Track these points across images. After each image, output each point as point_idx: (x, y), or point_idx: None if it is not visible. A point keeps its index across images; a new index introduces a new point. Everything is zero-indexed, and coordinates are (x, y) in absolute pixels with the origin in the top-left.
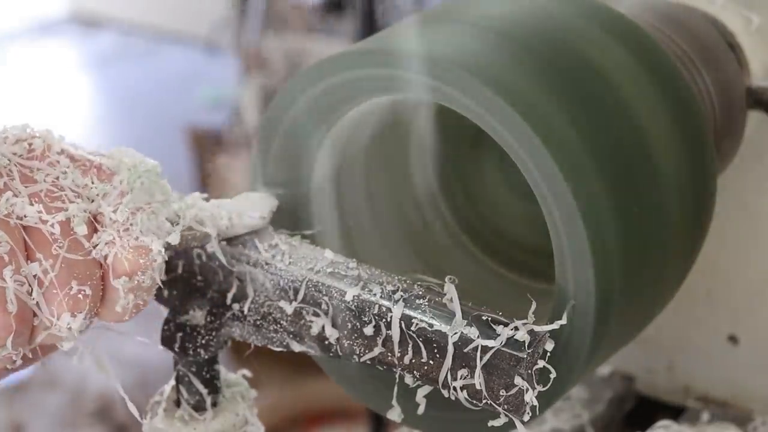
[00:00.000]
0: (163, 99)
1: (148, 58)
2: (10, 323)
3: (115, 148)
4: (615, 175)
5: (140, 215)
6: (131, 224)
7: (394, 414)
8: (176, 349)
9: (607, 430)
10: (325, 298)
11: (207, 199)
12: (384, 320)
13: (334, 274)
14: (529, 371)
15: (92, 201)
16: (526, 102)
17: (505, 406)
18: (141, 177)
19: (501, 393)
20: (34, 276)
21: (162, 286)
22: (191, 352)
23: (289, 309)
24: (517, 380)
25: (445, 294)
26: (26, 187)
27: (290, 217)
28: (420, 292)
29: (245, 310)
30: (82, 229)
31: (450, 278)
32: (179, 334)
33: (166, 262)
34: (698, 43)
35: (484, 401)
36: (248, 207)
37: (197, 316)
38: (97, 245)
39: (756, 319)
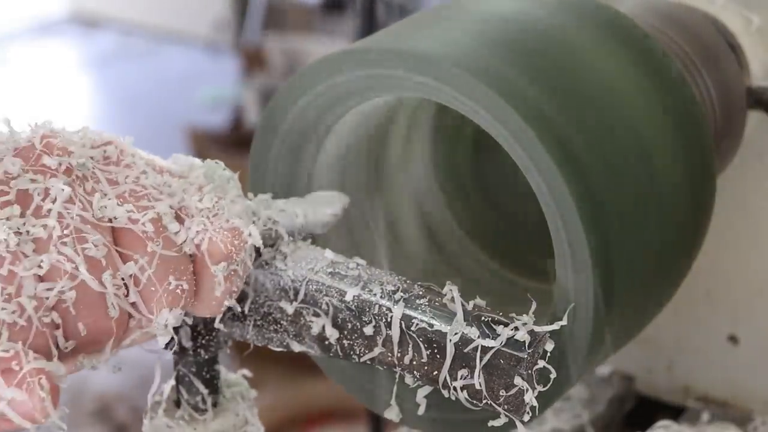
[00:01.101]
0: (163, 99)
1: (148, 58)
2: (111, 327)
3: (175, 155)
4: (615, 175)
5: (224, 201)
6: (219, 209)
7: (392, 413)
8: (176, 349)
9: (607, 430)
10: (325, 298)
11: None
12: (384, 320)
13: (334, 274)
14: (529, 371)
15: (174, 197)
16: (525, 102)
17: (505, 406)
18: (220, 171)
19: (501, 393)
20: (130, 276)
21: None
22: (191, 352)
23: (289, 309)
24: (517, 380)
25: (445, 294)
26: (113, 188)
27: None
28: (420, 292)
29: (245, 310)
30: (174, 226)
31: (449, 283)
32: (179, 335)
33: None
34: (698, 44)
35: (484, 401)
36: (320, 204)
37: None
38: (187, 239)
39: (756, 319)
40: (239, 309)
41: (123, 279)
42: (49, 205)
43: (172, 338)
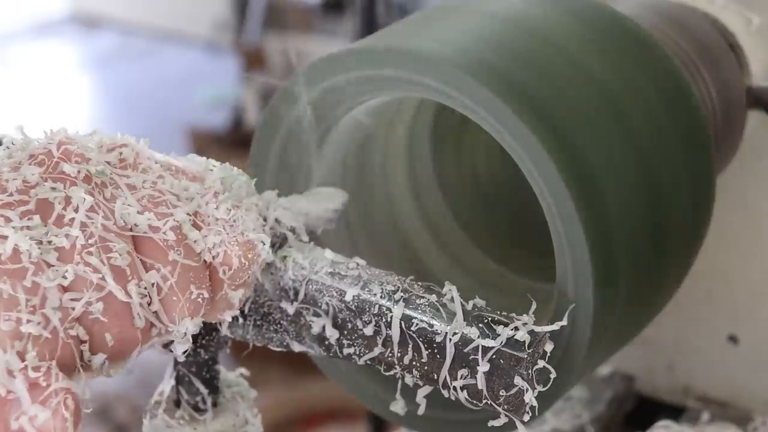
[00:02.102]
0: (163, 99)
1: (148, 58)
2: (137, 337)
3: (191, 155)
4: (614, 175)
5: (240, 212)
6: (234, 221)
7: (398, 407)
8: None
9: (607, 430)
10: (325, 298)
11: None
12: (384, 320)
13: (334, 274)
14: (529, 371)
15: (191, 202)
16: (525, 103)
17: (505, 406)
18: (238, 178)
19: (501, 393)
20: (153, 285)
21: None
22: (191, 352)
23: (289, 309)
24: (517, 380)
25: (445, 294)
26: (132, 194)
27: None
28: (420, 292)
29: (245, 310)
30: (194, 234)
31: (448, 283)
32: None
33: None
34: (698, 43)
35: (484, 401)
36: (321, 200)
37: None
38: (204, 248)
39: (756, 319)
40: (239, 309)
41: (146, 288)
42: (71, 214)
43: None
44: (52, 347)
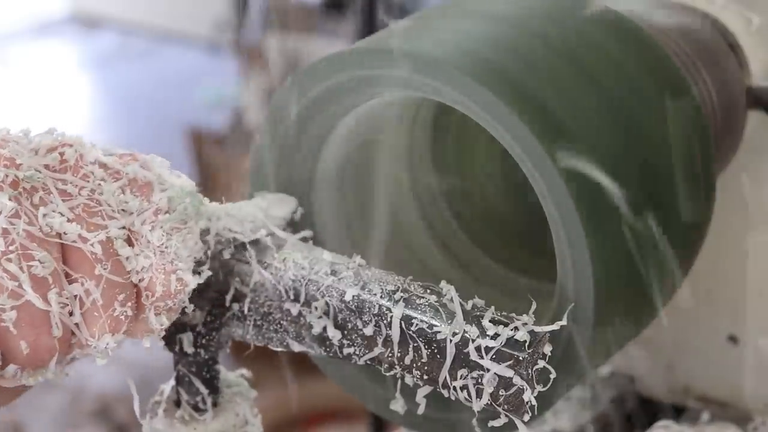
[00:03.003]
0: (163, 99)
1: (148, 58)
2: (54, 346)
3: (150, 155)
4: (614, 175)
5: (175, 238)
6: (166, 247)
7: (397, 405)
8: (176, 349)
9: (607, 430)
10: (325, 298)
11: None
12: (384, 320)
13: (334, 275)
14: (529, 371)
15: (129, 215)
16: (525, 102)
17: (505, 406)
18: (185, 200)
19: (501, 393)
20: (75, 296)
21: None
22: (191, 352)
23: (289, 309)
24: (517, 380)
25: (445, 294)
26: (63, 201)
27: (292, 216)
28: (420, 292)
29: (245, 310)
30: (126, 251)
31: (444, 282)
32: (179, 334)
33: None
34: (698, 43)
35: (484, 401)
36: (269, 208)
37: (197, 316)
38: (132, 268)
39: (756, 319)
40: (239, 309)
41: (68, 298)
42: None
43: (176, 340)
44: None
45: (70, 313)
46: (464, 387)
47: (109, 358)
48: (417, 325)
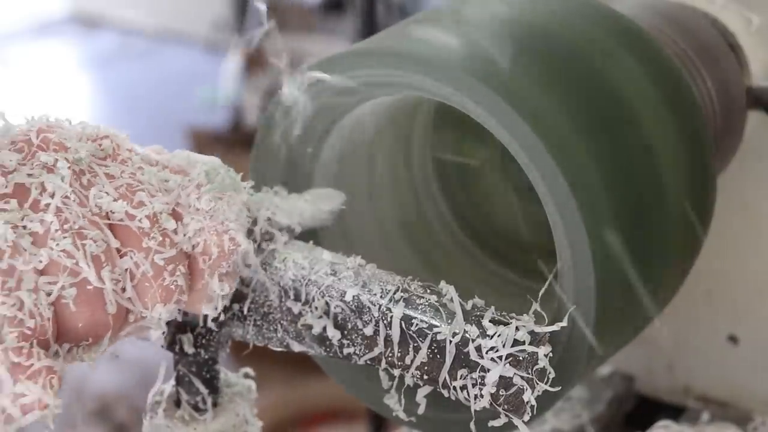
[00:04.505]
0: (163, 99)
1: (148, 58)
2: (108, 322)
3: (177, 150)
4: (615, 175)
5: (221, 203)
6: (214, 212)
7: (392, 401)
8: (176, 349)
9: (607, 430)
10: (325, 298)
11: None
12: (384, 320)
13: (333, 275)
14: (529, 371)
15: (171, 193)
16: (526, 103)
17: (505, 406)
18: (221, 171)
19: (501, 393)
20: (126, 270)
21: None
22: (191, 352)
23: (289, 309)
24: (517, 380)
25: (445, 294)
26: (110, 182)
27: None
28: (420, 292)
29: (245, 310)
30: (171, 223)
31: (443, 282)
32: (179, 335)
33: None
34: (698, 43)
35: (484, 401)
36: (318, 200)
37: (197, 316)
38: (185, 235)
39: (756, 319)
40: (239, 309)
41: (119, 274)
42: (47, 200)
43: (175, 339)
44: (30, 329)
45: (123, 289)
46: (464, 387)
47: (163, 330)
48: (417, 325)
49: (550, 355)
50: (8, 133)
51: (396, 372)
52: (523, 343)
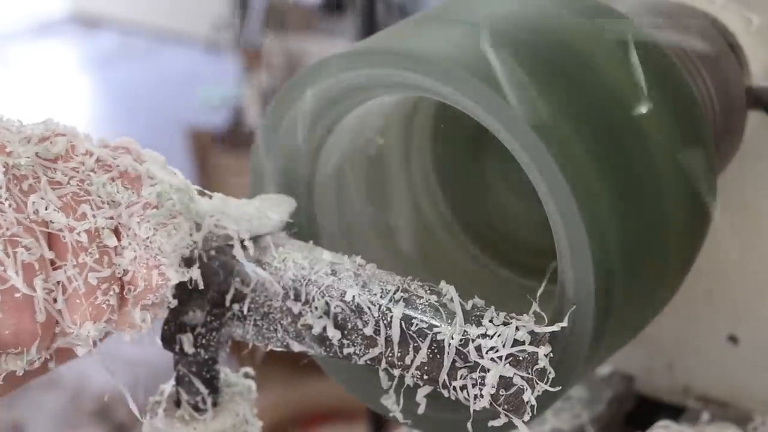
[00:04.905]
0: (163, 99)
1: (148, 58)
2: (36, 331)
3: (145, 150)
4: (615, 175)
5: (161, 234)
6: (151, 242)
7: (389, 401)
8: (176, 349)
9: (607, 430)
10: (325, 298)
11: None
12: (384, 320)
13: (333, 274)
14: (529, 371)
15: (117, 206)
16: (526, 102)
17: (505, 406)
18: (173, 196)
19: (501, 393)
20: (58, 283)
21: None
22: (191, 352)
23: (289, 309)
24: (517, 380)
25: (445, 294)
26: (53, 189)
27: (291, 217)
28: (420, 292)
29: (245, 310)
30: (112, 241)
31: (443, 282)
32: (179, 334)
33: None
34: (698, 43)
35: (483, 401)
36: (267, 208)
37: (197, 316)
38: (120, 261)
39: (756, 319)
40: (239, 309)
41: (53, 284)
42: None
43: (175, 339)
44: None
45: (54, 300)
46: (464, 387)
47: (89, 347)
48: (417, 325)
49: (550, 355)
50: None
51: (396, 372)
52: (523, 343)
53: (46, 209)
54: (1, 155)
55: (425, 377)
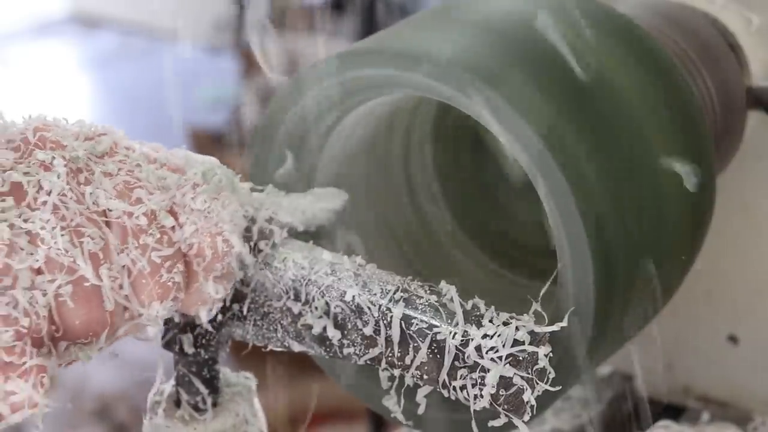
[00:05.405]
0: (163, 99)
1: (148, 58)
2: (106, 320)
3: (175, 149)
4: (615, 175)
5: (216, 204)
6: (209, 213)
7: (390, 402)
8: (176, 349)
9: (607, 430)
10: (325, 298)
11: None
12: (384, 320)
13: (333, 274)
14: (529, 371)
15: (168, 191)
16: (526, 102)
17: (505, 406)
18: (218, 171)
19: (501, 392)
20: (123, 267)
21: None
22: (191, 352)
23: (289, 309)
24: (517, 380)
25: (445, 294)
26: (107, 180)
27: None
28: (420, 292)
29: (245, 310)
30: (169, 221)
31: (444, 282)
32: (179, 335)
33: None
34: (698, 43)
35: (483, 401)
36: (320, 200)
37: (197, 316)
38: (180, 236)
39: (756, 319)
40: (239, 309)
41: (117, 271)
42: (44, 198)
43: (175, 339)
44: (24, 327)
45: (120, 287)
46: (464, 387)
47: (159, 327)
48: (417, 325)
49: (550, 355)
50: (5, 131)
51: (396, 372)
52: (523, 343)
53: (104, 198)
54: (59, 150)
55: (425, 377)
